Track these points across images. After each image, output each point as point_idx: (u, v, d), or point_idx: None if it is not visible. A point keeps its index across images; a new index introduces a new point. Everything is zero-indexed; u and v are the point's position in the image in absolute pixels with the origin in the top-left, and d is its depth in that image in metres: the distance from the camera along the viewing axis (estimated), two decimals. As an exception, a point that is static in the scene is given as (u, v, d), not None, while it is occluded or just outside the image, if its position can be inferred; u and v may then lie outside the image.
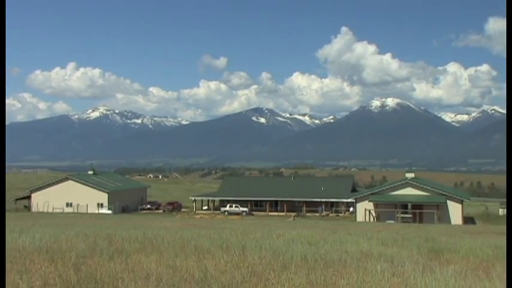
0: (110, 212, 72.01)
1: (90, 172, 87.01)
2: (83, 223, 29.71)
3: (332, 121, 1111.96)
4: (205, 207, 78.93)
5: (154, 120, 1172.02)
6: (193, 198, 79.41)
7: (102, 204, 75.86)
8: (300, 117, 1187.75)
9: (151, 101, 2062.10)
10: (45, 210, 74.57)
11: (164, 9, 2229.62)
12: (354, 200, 65.08)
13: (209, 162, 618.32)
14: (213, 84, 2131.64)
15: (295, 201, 74.56)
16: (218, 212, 73.15)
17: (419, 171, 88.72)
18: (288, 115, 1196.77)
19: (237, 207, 72.79)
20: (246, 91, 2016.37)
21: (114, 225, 25.48)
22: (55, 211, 72.66)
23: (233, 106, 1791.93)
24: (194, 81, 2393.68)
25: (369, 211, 61.67)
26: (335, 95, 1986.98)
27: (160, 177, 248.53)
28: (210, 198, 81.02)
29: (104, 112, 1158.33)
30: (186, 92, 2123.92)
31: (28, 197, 79.37)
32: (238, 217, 64.63)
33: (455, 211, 59.97)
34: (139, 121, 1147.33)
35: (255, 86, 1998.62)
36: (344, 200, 72.23)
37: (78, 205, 75.18)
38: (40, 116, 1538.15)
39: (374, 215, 61.69)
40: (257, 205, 76.02)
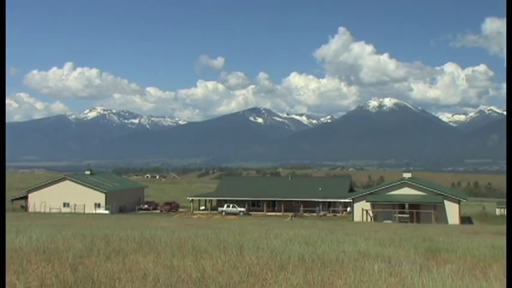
0: (107, 212, 71.82)
1: (87, 172, 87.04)
2: (80, 223, 29.64)
3: (329, 121, 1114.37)
4: (202, 207, 78.96)
5: (151, 120, 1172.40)
6: (190, 198, 79.36)
7: (99, 204, 75.82)
8: (298, 117, 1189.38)
9: (148, 101, 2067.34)
10: (42, 210, 74.39)
11: (162, 9, 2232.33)
12: (352, 200, 65.11)
13: (206, 162, 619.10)
14: (211, 84, 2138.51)
15: (292, 201, 74.61)
16: (215, 212, 73.06)
17: (416, 171, 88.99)
18: (286, 115, 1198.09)
19: (235, 207, 72.74)
20: (244, 91, 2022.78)
21: (111, 225, 25.42)
22: (52, 211, 72.46)
23: (230, 106, 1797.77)
24: (191, 81, 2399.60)
25: (366, 211, 61.70)
26: (332, 95, 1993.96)
27: (157, 177, 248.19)
28: (208, 198, 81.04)
29: (101, 112, 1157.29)
30: (184, 92, 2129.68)
31: (25, 197, 79.22)
32: (235, 217, 64.58)
33: (452, 211, 60.10)
34: (136, 121, 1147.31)
35: (253, 86, 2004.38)
36: (341, 200, 72.27)
37: (75, 205, 75.07)
38: (37, 116, 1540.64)
39: (371, 215, 61.75)
40: (254, 205, 76.07)
